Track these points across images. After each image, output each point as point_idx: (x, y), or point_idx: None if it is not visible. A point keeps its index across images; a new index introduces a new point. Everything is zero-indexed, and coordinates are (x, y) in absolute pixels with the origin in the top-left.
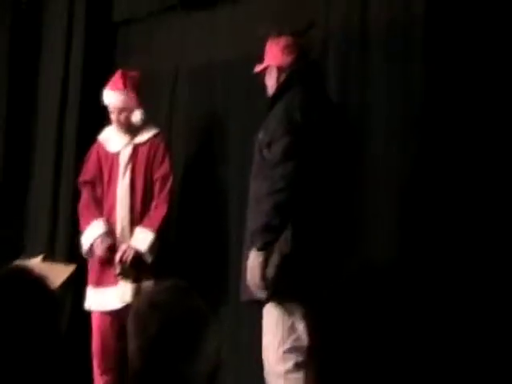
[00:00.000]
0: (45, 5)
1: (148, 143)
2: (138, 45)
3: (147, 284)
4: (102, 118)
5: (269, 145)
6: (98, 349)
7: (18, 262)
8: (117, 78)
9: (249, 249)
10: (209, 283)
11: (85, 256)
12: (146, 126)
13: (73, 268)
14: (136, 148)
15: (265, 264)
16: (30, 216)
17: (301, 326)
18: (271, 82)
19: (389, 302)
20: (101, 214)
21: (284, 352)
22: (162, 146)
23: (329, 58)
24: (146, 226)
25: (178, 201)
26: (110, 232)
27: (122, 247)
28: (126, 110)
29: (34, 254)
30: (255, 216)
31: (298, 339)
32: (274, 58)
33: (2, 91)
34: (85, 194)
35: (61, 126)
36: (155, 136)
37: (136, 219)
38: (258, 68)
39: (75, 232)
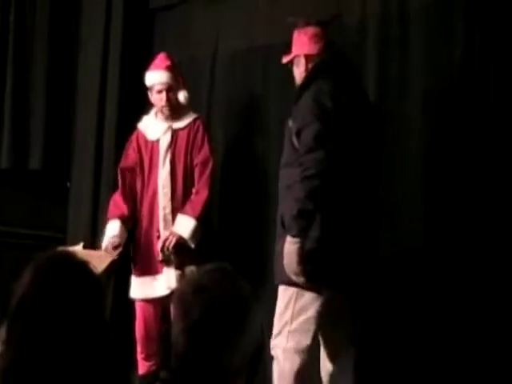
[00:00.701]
0: None
1: (187, 128)
2: (176, 31)
3: (190, 268)
4: (141, 104)
5: (298, 132)
6: (141, 335)
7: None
8: (161, 59)
9: (280, 235)
10: (251, 266)
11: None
12: (185, 111)
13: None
14: (175, 134)
15: (302, 250)
16: (70, 204)
17: (312, 310)
18: (299, 71)
19: (419, 287)
20: (122, 212)
21: (289, 331)
22: (200, 130)
23: (368, 40)
24: (187, 213)
25: (219, 183)
26: (124, 230)
27: (165, 234)
28: (173, 88)
29: (75, 243)
30: (288, 203)
31: (306, 322)
32: (301, 47)
33: (41, 81)
34: (120, 184)
35: (101, 113)
36: (194, 121)
37: (177, 206)
38: (286, 59)
39: None
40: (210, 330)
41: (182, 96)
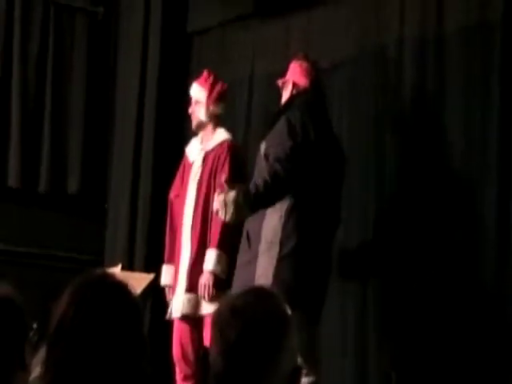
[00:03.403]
0: (121, 16)
1: (214, 150)
2: (213, 54)
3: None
4: (178, 129)
5: (267, 153)
6: (177, 355)
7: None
8: (203, 73)
9: (245, 251)
10: None
11: None
12: (217, 132)
13: (152, 277)
14: (206, 156)
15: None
16: (108, 226)
17: None
18: (285, 96)
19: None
20: (172, 257)
21: None
22: (224, 153)
23: (404, 61)
24: (209, 245)
25: None
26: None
27: (200, 283)
28: (200, 103)
29: (113, 265)
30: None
31: None
32: (294, 75)
33: (78, 105)
34: (168, 216)
35: (138, 136)
36: (221, 143)
37: (195, 232)
38: (280, 81)
39: (153, 242)
40: (247, 351)
41: (203, 113)
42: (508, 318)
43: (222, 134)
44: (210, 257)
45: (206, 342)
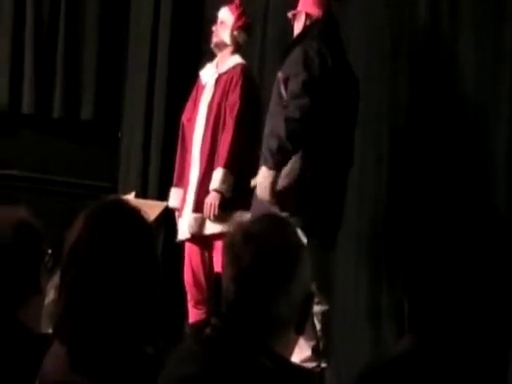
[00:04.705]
0: None
1: (228, 73)
2: None
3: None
4: (192, 56)
5: (286, 80)
6: (189, 281)
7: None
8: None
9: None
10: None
11: None
12: (233, 55)
13: (165, 204)
14: (219, 77)
15: (274, 184)
16: (122, 154)
17: None
18: (298, 27)
19: None
20: (181, 181)
21: None
22: (237, 75)
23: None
24: (216, 165)
25: None
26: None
27: (205, 201)
28: (225, 25)
29: (126, 192)
30: (269, 139)
31: None
32: (305, 6)
33: (93, 32)
34: (180, 139)
35: (152, 63)
36: (235, 66)
37: (204, 152)
38: (291, 13)
39: (167, 170)
40: (259, 278)
41: (227, 35)
42: None
43: (237, 58)
44: (217, 176)
45: (217, 267)
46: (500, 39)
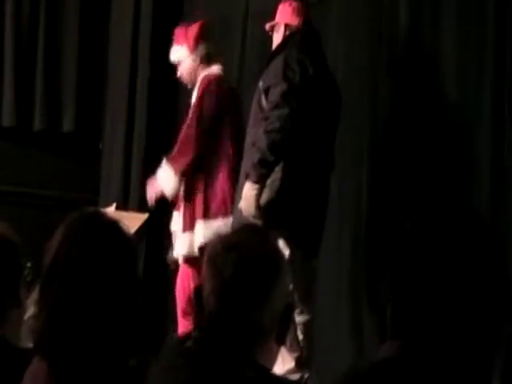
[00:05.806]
0: None
1: (198, 90)
2: None
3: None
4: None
5: (266, 91)
6: (179, 292)
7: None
8: (175, 33)
9: (242, 185)
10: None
11: None
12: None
13: (146, 217)
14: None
15: (259, 196)
16: (103, 165)
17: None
18: (277, 38)
19: None
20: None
21: None
22: (203, 84)
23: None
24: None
25: None
26: None
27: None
28: (182, 61)
29: (107, 204)
30: (251, 154)
31: None
32: (284, 16)
33: (73, 43)
34: None
35: (133, 74)
36: (202, 80)
37: None
38: (268, 25)
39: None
40: (240, 289)
41: (189, 66)
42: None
43: (204, 72)
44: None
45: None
46: (481, 43)
